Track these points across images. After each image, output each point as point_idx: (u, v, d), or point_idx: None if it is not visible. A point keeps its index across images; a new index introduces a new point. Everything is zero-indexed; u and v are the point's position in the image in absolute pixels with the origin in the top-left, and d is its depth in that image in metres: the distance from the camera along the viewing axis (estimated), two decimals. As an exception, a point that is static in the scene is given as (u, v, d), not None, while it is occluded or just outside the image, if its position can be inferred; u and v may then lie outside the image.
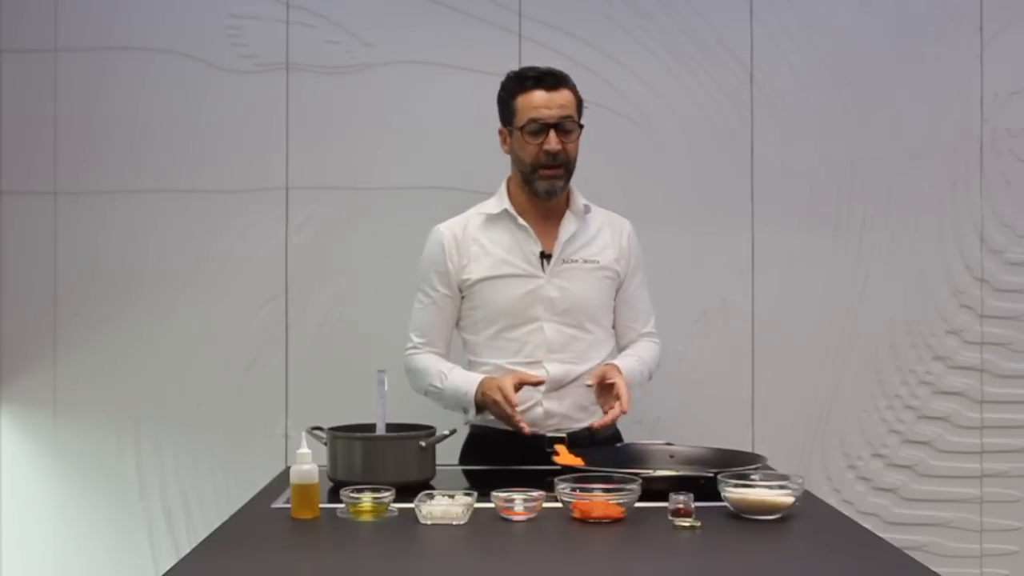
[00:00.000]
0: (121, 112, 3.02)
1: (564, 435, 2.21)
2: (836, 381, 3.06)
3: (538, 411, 2.30)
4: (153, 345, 3.02)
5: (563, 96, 2.28)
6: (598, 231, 2.39)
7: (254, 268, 3.02)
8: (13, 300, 3.02)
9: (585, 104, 2.35)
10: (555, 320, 2.31)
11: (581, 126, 2.31)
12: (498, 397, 2.17)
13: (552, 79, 2.29)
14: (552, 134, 2.25)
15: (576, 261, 2.34)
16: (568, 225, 2.35)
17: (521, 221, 2.33)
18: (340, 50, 3.02)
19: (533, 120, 2.26)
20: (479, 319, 2.34)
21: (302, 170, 3.02)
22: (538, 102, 2.27)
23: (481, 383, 2.23)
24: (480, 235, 2.35)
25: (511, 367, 2.29)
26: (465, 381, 2.27)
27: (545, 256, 2.33)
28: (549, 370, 2.29)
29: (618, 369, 2.23)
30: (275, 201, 3.02)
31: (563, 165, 2.28)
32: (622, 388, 2.17)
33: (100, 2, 3.02)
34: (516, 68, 2.38)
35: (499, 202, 2.36)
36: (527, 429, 2.15)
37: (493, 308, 2.32)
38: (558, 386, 2.30)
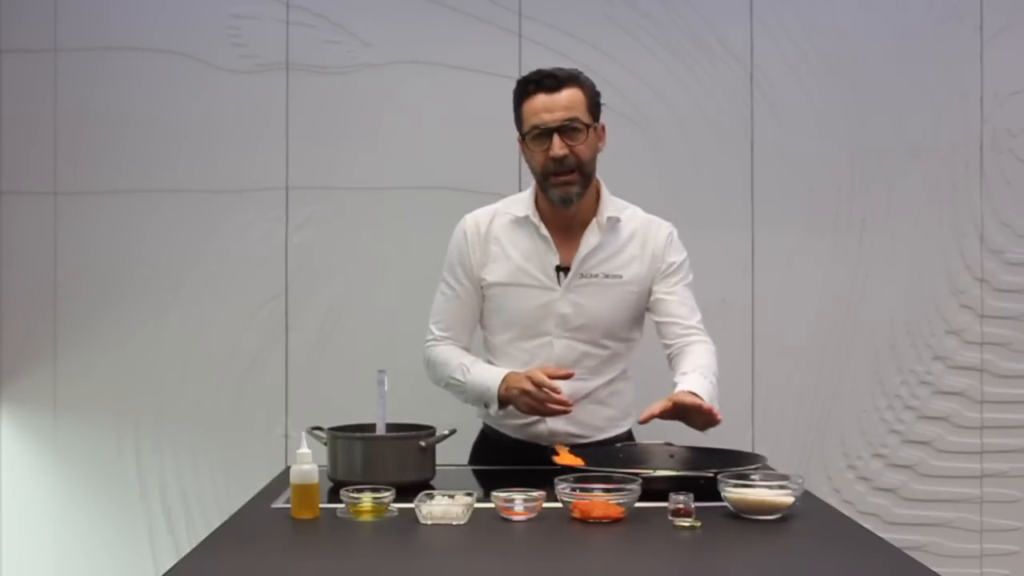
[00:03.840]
0: (121, 112, 3.02)
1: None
2: (836, 381, 3.06)
3: (541, 428, 2.24)
4: (153, 345, 3.02)
5: (566, 97, 2.13)
6: (627, 242, 2.25)
7: (254, 268, 3.02)
8: (13, 300, 3.02)
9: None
10: (566, 336, 2.21)
11: (590, 126, 2.15)
12: (527, 386, 2.06)
13: (552, 80, 2.13)
14: (556, 138, 2.12)
15: (596, 276, 2.21)
16: (590, 238, 2.21)
17: (543, 231, 2.21)
18: (340, 50, 3.02)
19: (535, 127, 2.14)
20: (496, 323, 2.28)
21: (302, 170, 3.02)
22: (538, 107, 2.14)
23: (506, 378, 2.14)
24: (503, 235, 2.25)
25: None
26: (489, 375, 2.17)
27: (562, 270, 2.22)
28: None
29: (692, 395, 2.03)
30: (274, 201, 3.02)
31: (574, 169, 2.14)
32: (703, 402, 1.99)
33: (100, 2, 3.02)
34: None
35: (525, 206, 2.24)
36: (569, 404, 2.05)
37: (508, 315, 2.25)
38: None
